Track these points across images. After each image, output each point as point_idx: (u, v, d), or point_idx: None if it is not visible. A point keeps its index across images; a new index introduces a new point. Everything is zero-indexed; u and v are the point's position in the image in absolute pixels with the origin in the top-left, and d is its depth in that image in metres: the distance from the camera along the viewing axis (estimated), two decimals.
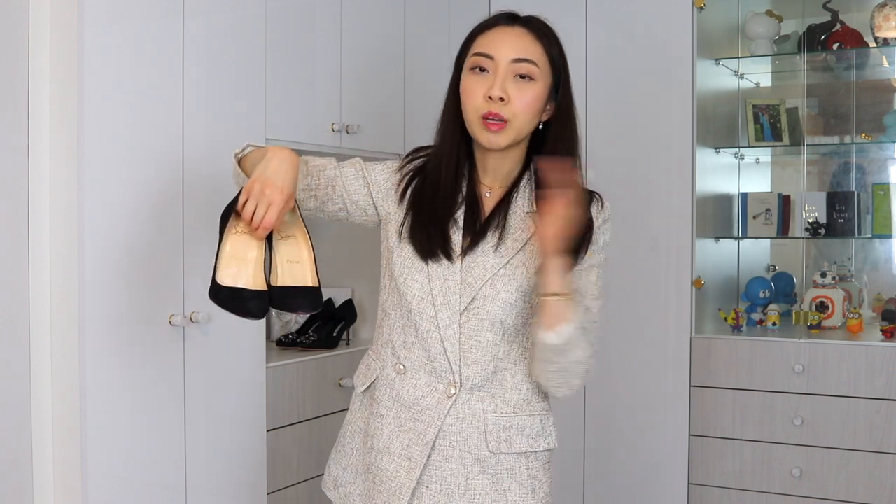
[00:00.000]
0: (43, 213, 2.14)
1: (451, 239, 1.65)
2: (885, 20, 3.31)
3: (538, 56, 1.63)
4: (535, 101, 1.62)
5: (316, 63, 2.84)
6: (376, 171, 1.75)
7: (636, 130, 3.40)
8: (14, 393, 2.10)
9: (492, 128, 1.61)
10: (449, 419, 1.64)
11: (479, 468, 1.64)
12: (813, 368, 3.19)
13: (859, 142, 3.59)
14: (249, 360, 2.55)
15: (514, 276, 1.62)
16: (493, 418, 1.64)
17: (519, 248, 1.63)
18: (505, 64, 1.61)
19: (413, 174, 1.73)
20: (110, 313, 2.16)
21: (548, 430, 1.69)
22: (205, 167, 2.36)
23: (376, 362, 1.75)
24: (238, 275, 1.54)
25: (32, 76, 2.12)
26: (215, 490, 2.44)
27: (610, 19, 3.45)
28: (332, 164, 1.75)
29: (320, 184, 1.72)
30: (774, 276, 3.77)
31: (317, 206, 1.74)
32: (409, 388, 1.67)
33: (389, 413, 1.68)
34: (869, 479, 3.12)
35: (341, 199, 1.73)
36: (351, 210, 1.74)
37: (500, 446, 1.64)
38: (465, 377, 1.64)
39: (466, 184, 1.69)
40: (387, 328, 1.72)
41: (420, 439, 1.64)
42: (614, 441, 3.48)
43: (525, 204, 1.66)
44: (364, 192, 1.74)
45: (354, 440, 1.76)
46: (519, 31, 1.64)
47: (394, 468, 1.66)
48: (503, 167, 1.69)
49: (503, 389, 1.65)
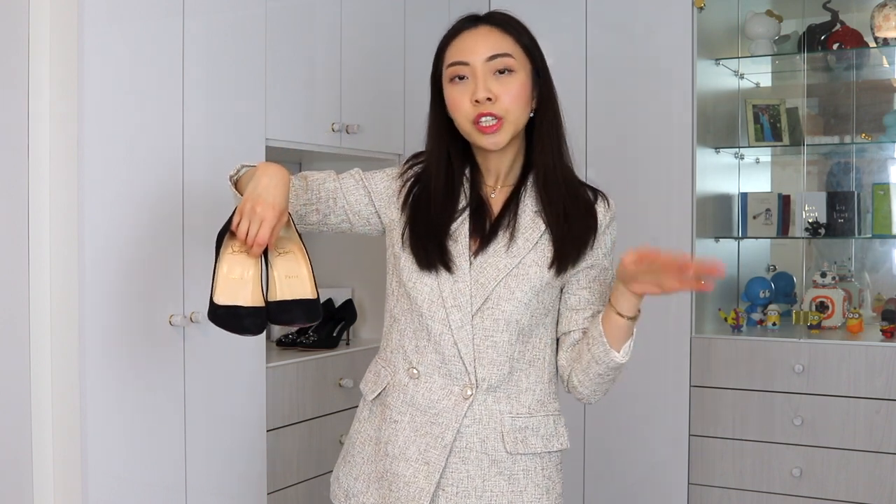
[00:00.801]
0: (43, 213, 2.14)
1: (449, 251, 1.64)
2: (885, 20, 3.31)
3: (510, 47, 1.63)
4: (521, 91, 1.62)
5: (316, 63, 2.84)
6: (376, 180, 1.75)
7: (636, 130, 3.40)
8: (14, 393, 2.10)
9: (487, 130, 1.61)
10: (466, 421, 1.63)
11: (496, 469, 1.64)
12: (813, 368, 3.19)
13: (859, 142, 3.59)
14: (249, 360, 2.55)
15: (527, 276, 1.62)
16: (509, 419, 1.64)
17: (530, 247, 1.63)
18: (481, 65, 1.62)
19: (414, 180, 1.72)
20: (110, 313, 2.16)
21: (560, 431, 1.70)
22: (204, 167, 2.37)
23: (386, 369, 1.72)
24: (236, 294, 1.53)
25: (32, 76, 2.12)
26: (215, 490, 2.44)
27: (610, 19, 3.45)
28: (332, 177, 1.75)
29: (321, 197, 1.72)
30: (774, 276, 3.77)
31: (319, 220, 1.73)
32: (424, 391, 1.65)
33: (404, 418, 1.66)
34: (869, 479, 3.12)
35: (343, 210, 1.73)
36: (354, 221, 1.74)
37: (517, 447, 1.64)
38: (481, 378, 1.63)
39: (470, 187, 1.69)
40: (397, 334, 1.70)
41: (438, 443, 1.63)
42: (614, 441, 3.48)
43: (533, 203, 1.66)
44: (366, 201, 1.74)
45: (365, 449, 1.73)
46: (484, 30, 1.65)
47: (412, 473, 1.64)
48: (503, 165, 1.69)
49: (518, 390, 1.65)
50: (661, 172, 3.39)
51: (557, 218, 1.63)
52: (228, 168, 1.71)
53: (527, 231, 1.64)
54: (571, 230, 1.63)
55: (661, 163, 3.39)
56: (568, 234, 1.63)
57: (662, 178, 3.39)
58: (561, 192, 1.65)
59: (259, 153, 2.56)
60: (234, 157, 2.43)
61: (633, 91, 3.42)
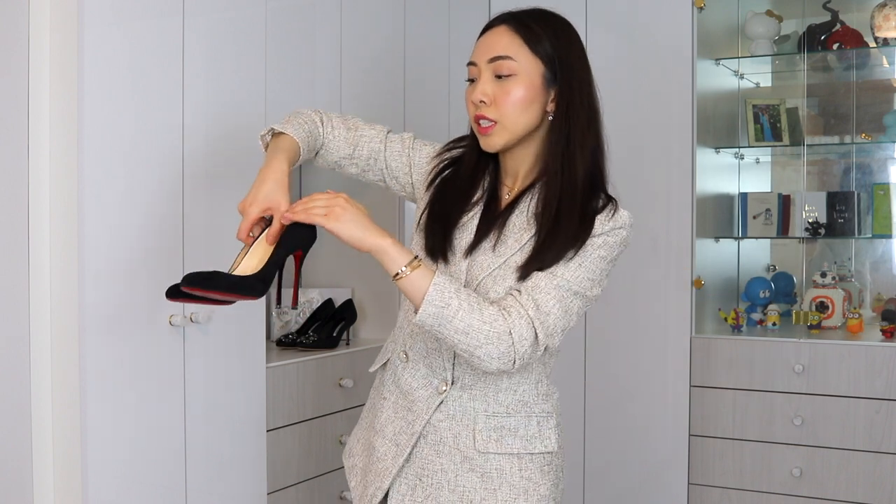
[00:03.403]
0: (43, 213, 2.14)
1: (453, 242, 1.65)
2: (885, 20, 3.32)
3: (514, 50, 1.60)
4: (521, 95, 1.60)
5: (316, 63, 2.84)
6: (423, 153, 1.79)
7: (636, 130, 3.40)
8: (14, 393, 2.10)
9: (483, 132, 1.62)
10: (438, 415, 1.65)
11: (467, 465, 1.64)
12: (813, 368, 3.19)
13: (859, 142, 3.59)
14: (249, 360, 2.55)
15: (504, 277, 1.60)
16: (483, 417, 1.64)
17: (517, 248, 1.61)
18: (484, 66, 1.62)
19: (448, 163, 1.75)
20: (110, 313, 2.16)
21: (546, 433, 1.67)
22: (205, 167, 2.36)
23: (391, 345, 1.79)
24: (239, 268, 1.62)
25: (32, 76, 2.12)
26: (215, 490, 2.44)
27: (610, 19, 3.46)
28: (380, 137, 1.80)
29: (362, 155, 1.79)
30: (774, 276, 3.77)
31: (357, 173, 1.82)
32: (408, 377, 1.69)
33: (391, 397, 1.72)
34: (869, 479, 3.12)
35: (381, 171, 1.80)
36: (390, 184, 1.82)
37: (488, 446, 1.63)
38: (456, 375, 1.65)
39: (489, 183, 1.70)
40: (402, 313, 1.75)
41: (409, 428, 1.67)
42: (614, 441, 3.48)
43: (534, 205, 1.64)
44: (405, 170, 1.78)
45: (367, 416, 1.81)
46: (499, 30, 1.63)
47: (384, 451, 1.70)
48: (521, 166, 1.68)
49: (497, 389, 1.65)
50: (661, 172, 3.39)
51: (547, 224, 1.59)
52: (228, 166, 1.71)
53: (518, 233, 1.63)
54: (556, 238, 1.58)
55: (661, 163, 3.40)
56: (551, 241, 1.58)
57: (662, 178, 3.39)
58: (559, 198, 1.60)
59: (259, 153, 2.55)
60: (235, 157, 2.44)
61: (633, 91, 3.42)
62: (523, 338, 1.53)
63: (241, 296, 1.56)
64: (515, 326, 1.53)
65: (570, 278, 1.57)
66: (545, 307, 1.55)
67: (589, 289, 1.59)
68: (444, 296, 1.51)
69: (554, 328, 1.57)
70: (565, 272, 1.57)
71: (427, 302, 1.50)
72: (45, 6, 2.11)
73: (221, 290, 1.55)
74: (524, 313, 1.54)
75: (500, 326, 1.52)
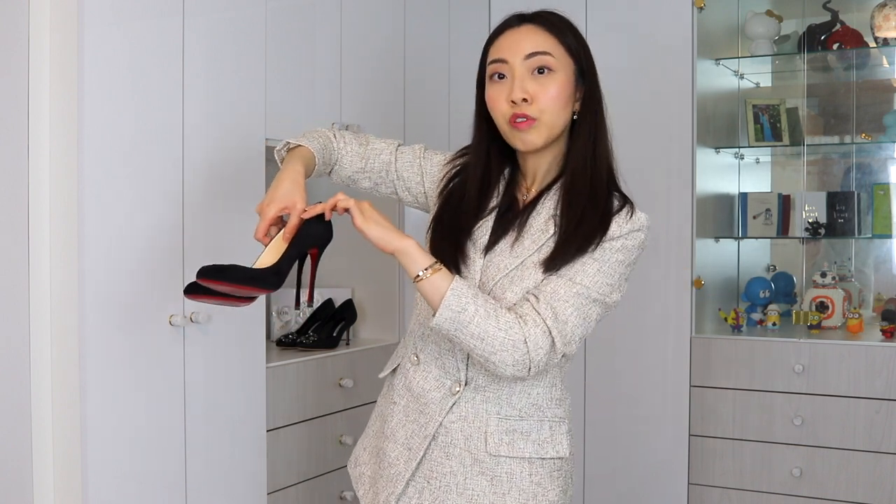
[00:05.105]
0: (43, 213, 2.14)
1: (465, 249, 1.65)
2: (885, 20, 3.32)
3: (551, 46, 1.61)
4: (559, 91, 1.60)
5: (316, 63, 2.84)
6: (434, 161, 1.80)
7: (636, 130, 3.40)
8: (14, 393, 2.10)
9: (521, 126, 1.60)
10: (451, 416, 1.64)
11: (477, 468, 1.63)
12: (813, 368, 3.19)
13: (859, 142, 3.59)
14: (249, 360, 2.55)
15: (522, 278, 1.60)
16: (496, 420, 1.63)
17: (535, 249, 1.61)
18: (520, 63, 1.60)
19: (460, 170, 1.74)
20: (110, 313, 2.16)
21: (558, 438, 1.66)
22: (205, 167, 2.36)
23: (402, 349, 1.79)
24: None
25: (32, 76, 2.12)
26: (215, 490, 2.44)
27: (610, 19, 3.46)
28: (391, 149, 1.81)
29: (374, 168, 1.80)
30: (774, 276, 3.77)
31: (370, 187, 1.83)
32: (420, 379, 1.68)
33: (401, 401, 1.71)
34: (869, 479, 3.12)
35: (393, 183, 1.81)
36: (403, 195, 1.82)
37: (499, 449, 1.62)
38: (470, 376, 1.64)
39: (505, 187, 1.69)
40: (413, 317, 1.76)
41: (421, 431, 1.66)
42: (614, 441, 3.48)
43: (553, 206, 1.63)
44: (417, 180, 1.79)
45: (375, 423, 1.80)
46: (527, 28, 1.63)
47: (395, 455, 1.68)
48: (542, 166, 1.67)
49: (510, 392, 1.64)
50: (661, 172, 3.39)
51: (570, 223, 1.59)
52: (228, 166, 1.71)
53: (536, 233, 1.62)
54: (577, 236, 1.58)
55: (661, 163, 3.40)
56: (573, 239, 1.58)
57: (662, 178, 3.39)
58: (584, 198, 1.60)
59: (259, 153, 2.56)
60: (235, 157, 2.44)
61: (633, 91, 3.42)
62: (539, 346, 1.54)
63: (256, 288, 1.57)
64: (531, 335, 1.53)
65: (589, 284, 1.56)
66: (563, 315, 1.55)
67: (608, 294, 1.59)
68: (462, 301, 1.52)
69: (572, 336, 1.56)
70: (584, 278, 1.56)
71: (444, 306, 1.51)
72: (45, 6, 2.11)
73: (236, 281, 1.55)
74: (541, 321, 1.54)
75: (516, 334, 1.53)
